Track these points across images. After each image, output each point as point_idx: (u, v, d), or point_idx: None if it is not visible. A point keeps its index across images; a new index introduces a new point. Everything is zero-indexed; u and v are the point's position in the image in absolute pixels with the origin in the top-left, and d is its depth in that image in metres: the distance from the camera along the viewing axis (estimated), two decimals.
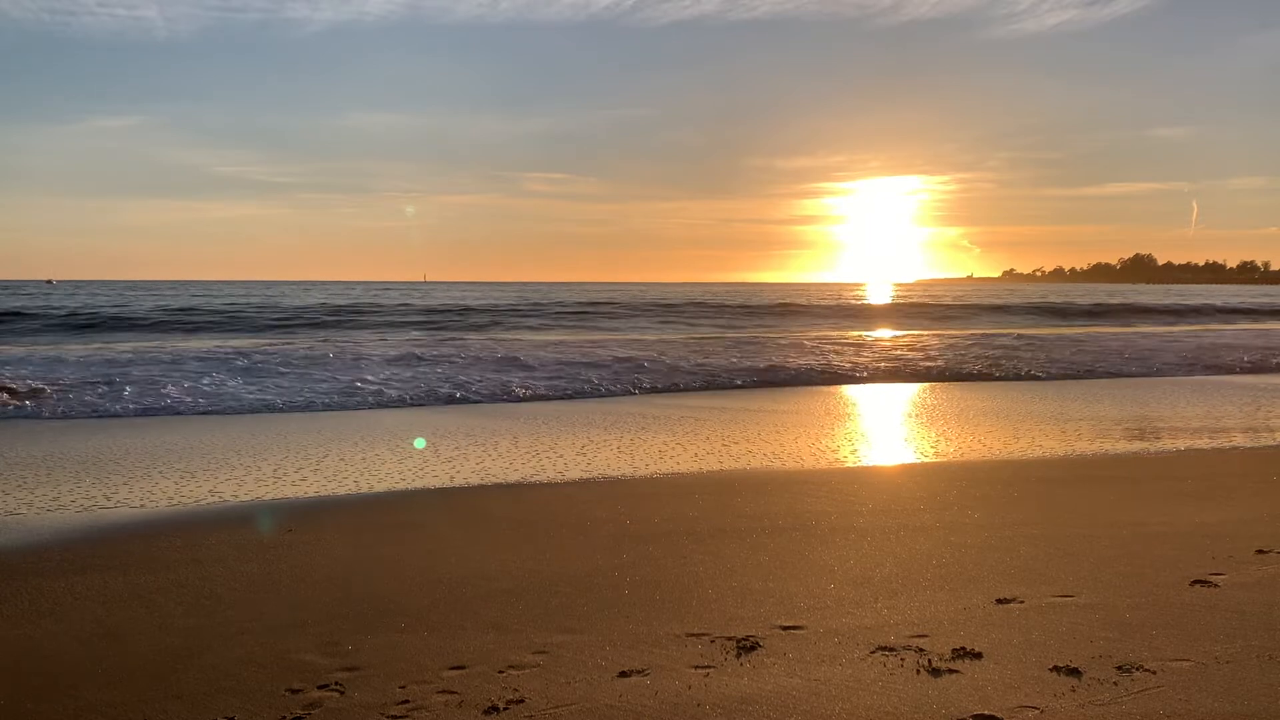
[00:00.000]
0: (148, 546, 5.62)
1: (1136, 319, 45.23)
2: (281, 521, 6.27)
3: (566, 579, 4.92)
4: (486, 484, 7.59)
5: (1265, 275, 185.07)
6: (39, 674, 3.75)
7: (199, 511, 6.62)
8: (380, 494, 7.26)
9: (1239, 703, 3.35)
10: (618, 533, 5.88)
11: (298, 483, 7.58)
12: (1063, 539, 5.61)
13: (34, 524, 6.23)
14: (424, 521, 6.30)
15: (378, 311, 41.98)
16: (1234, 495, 6.91)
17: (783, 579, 4.89)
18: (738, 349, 21.83)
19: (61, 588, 4.84)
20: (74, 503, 6.87)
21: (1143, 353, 21.66)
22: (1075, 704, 3.34)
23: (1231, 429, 10.76)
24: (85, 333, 30.61)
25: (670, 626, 4.18)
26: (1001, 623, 4.18)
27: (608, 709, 3.36)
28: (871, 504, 6.66)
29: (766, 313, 46.22)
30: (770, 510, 6.46)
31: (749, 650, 3.89)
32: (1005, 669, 3.65)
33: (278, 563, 5.29)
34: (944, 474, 8.00)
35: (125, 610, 4.51)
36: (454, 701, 3.43)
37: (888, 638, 4.01)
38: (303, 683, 3.61)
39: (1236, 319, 46.32)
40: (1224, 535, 5.65)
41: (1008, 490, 7.15)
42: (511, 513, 6.57)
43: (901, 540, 5.65)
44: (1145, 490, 7.17)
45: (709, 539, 5.71)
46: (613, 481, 7.67)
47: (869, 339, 27.74)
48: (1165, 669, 3.63)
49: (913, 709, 3.33)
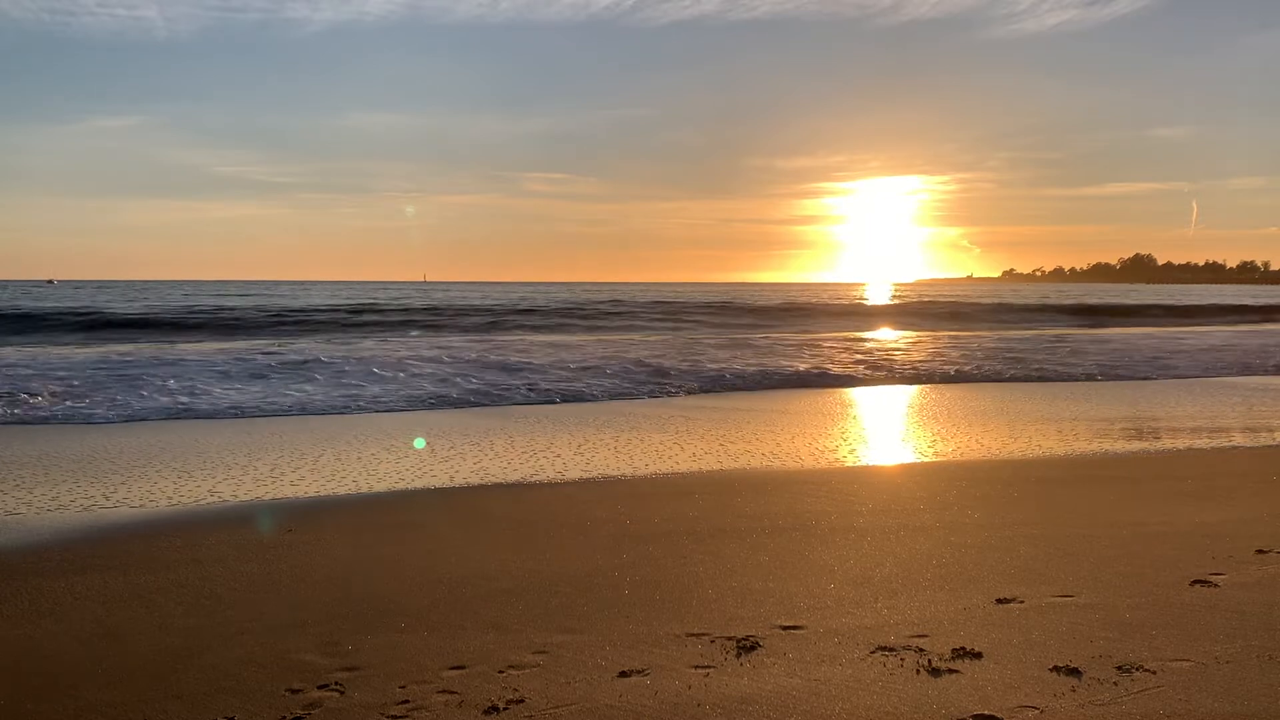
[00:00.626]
0: (148, 546, 5.62)
1: (1207, 318, 44.03)
2: (281, 521, 6.27)
3: (566, 579, 4.92)
4: (486, 484, 7.59)
5: (1265, 275, 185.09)
6: (39, 674, 3.75)
7: (199, 511, 6.62)
8: (380, 494, 7.26)
9: (1239, 703, 3.35)
10: (618, 533, 5.88)
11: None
12: (1063, 539, 5.61)
13: (34, 524, 6.23)
14: (424, 521, 6.30)
15: (441, 312, 40.94)
16: (1234, 495, 6.91)
17: (783, 579, 4.89)
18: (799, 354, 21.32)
19: (61, 588, 4.84)
20: (74, 503, 6.87)
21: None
22: (1075, 704, 3.34)
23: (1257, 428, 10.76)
24: (126, 331, 30.29)
25: (670, 626, 4.19)
26: (1001, 623, 4.18)
27: (608, 709, 3.36)
28: (871, 504, 6.66)
29: (795, 314, 45.34)
30: (770, 510, 6.46)
31: (749, 650, 3.89)
32: (1005, 669, 3.65)
33: (278, 563, 5.29)
34: (944, 474, 8.00)
35: (125, 610, 4.51)
36: (454, 701, 3.43)
37: (888, 638, 4.01)
38: (303, 683, 3.61)
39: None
40: (1224, 535, 5.65)
41: (1008, 490, 7.15)
42: (511, 513, 6.57)
43: (901, 540, 5.65)
44: (1145, 490, 7.17)
45: (709, 539, 5.71)
46: (613, 481, 7.67)
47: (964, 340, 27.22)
48: (1165, 669, 3.63)
49: (913, 709, 3.33)
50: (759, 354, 20.78)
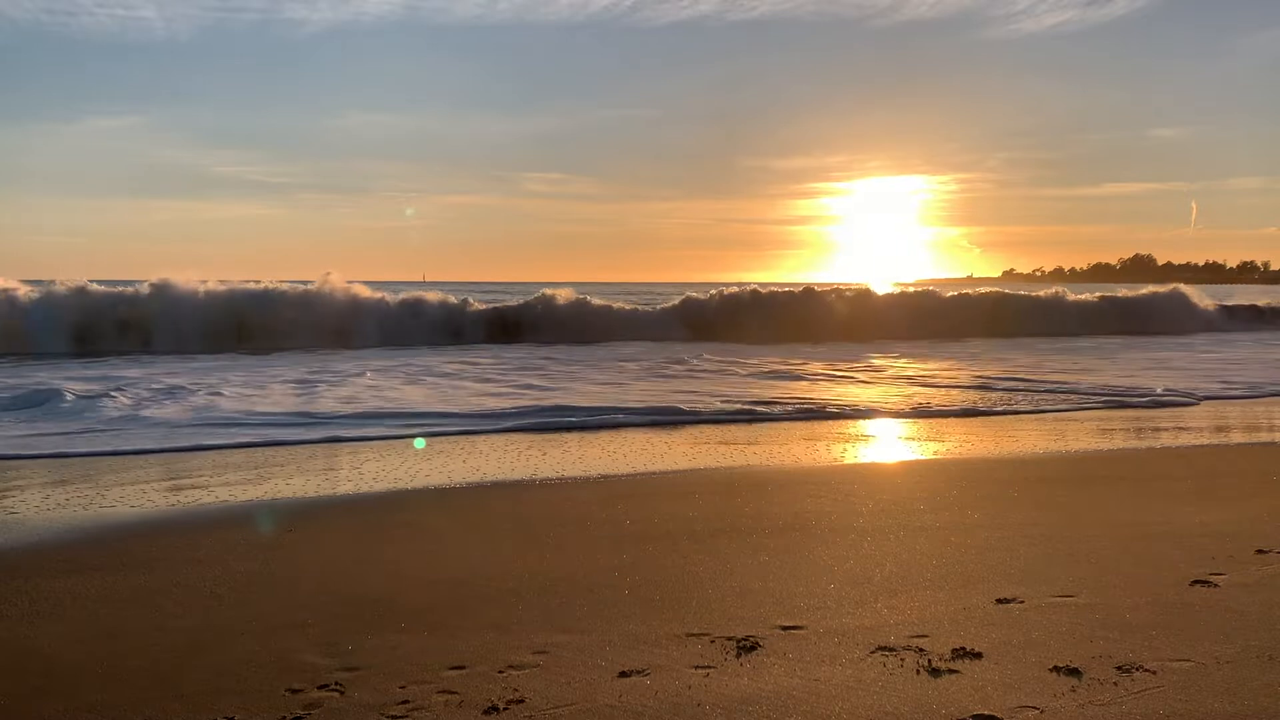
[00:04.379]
0: (148, 546, 5.62)
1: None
2: (281, 521, 6.27)
3: (566, 579, 4.92)
4: (486, 484, 7.60)
5: (1265, 275, 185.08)
6: (39, 674, 3.75)
7: (199, 511, 6.62)
8: (380, 494, 7.26)
9: (1239, 703, 3.35)
10: (618, 533, 5.88)
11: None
12: (1063, 539, 5.61)
13: (34, 524, 6.23)
14: (424, 521, 6.30)
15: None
16: (1234, 495, 6.91)
17: (783, 579, 4.89)
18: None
19: (61, 588, 4.84)
20: (74, 502, 6.87)
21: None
22: (1075, 704, 3.34)
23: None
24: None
25: (670, 626, 4.18)
26: (1001, 623, 4.18)
27: (608, 709, 3.36)
28: (871, 504, 6.66)
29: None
30: (770, 510, 6.46)
31: (749, 650, 3.88)
32: (1005, 669, 3.65)
33: (278, 563, 5.29)
34: (944, 474, 8.00)
35: (125, 610, 4.51)
36: (454, 701, 3.43)
37: (888, 638, 4.01)
38: (303, 683, 3.61)
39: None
40: (1224, 535, 5.64)
41: (1008, 490, 7.15)
42: (511, 513, 6.57)
43: (901, 540, 5.65)
44: (1145, 490, 7.17)
45: (709, 539, 5.71)
46: (613, 481, 7.67)
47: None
48: (1165, 669, 3.63)
49: (913, 709, 3.33)
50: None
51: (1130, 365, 19.09)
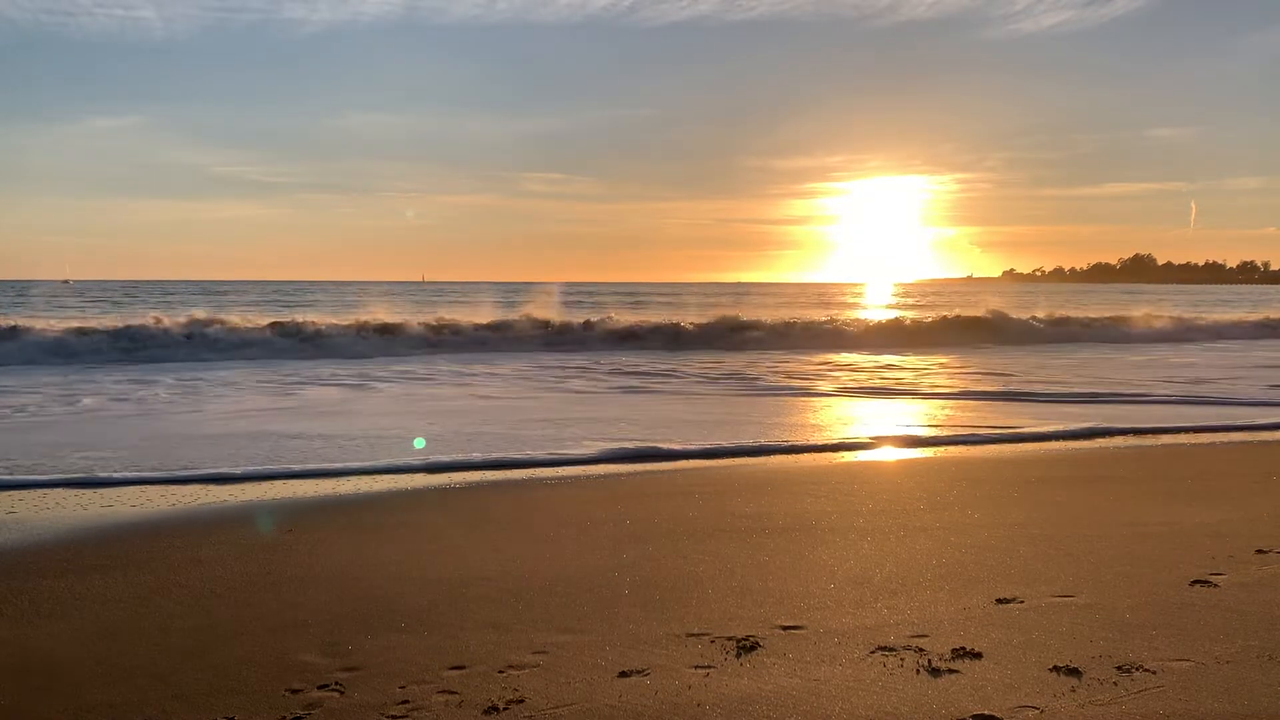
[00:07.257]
0: (148, 546, 5.62)
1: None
2: (281, 521, 6.27)
3: (566, 579, 4.91)
4: (486, 483, 7.59)
5: (1265, 275, 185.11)
6: (39, 674, 3.75)
7: (199, 511, 6.62)
8: (380, 494, 7.26)
9: (1239, 703, 3.35)
10: (618, 533, 5.88)
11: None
12: (1063, 539, 5.61)
13: (34, 524, 6.23)
14: (424, 521, 6.30)
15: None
16: (1234, 495, 6.91)
17: (783, 579, 4.89)
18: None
19: (61, 588, 4.84)
20: (74, 502, 6.87)
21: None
22: (1075, 704, 3.34)
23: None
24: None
25: (670, 626, 4.18)
26: (1001, 623, 4.18)
27: (608, 709, 3.36)
28: (871, 504, 6.66)
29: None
30: (770, 510, 6.46)
31: (749, 650, 3.89)
32: (1005, 669, 3.65)
33: (278, 563, 5.29)
34: (944, 474, 8.00)
35: (125, 610, 4.51)
36: (454, 701, 3.43)
37: (888, 638, 4.01)
38: (303, 683, 3.61)
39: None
40: (1224, 535, 5.65)
41: (1008, 490, 7.15)
42: (511, 513, 6.57)
43: (901, 540, 5.65)
44: (1145, 490, 7.17)
45: (709, 539, 5.71)
46: (613, 481, 7.67)
47: None
48: (1165, 669, 3.63)
49: (913, 709, 3.33)
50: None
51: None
